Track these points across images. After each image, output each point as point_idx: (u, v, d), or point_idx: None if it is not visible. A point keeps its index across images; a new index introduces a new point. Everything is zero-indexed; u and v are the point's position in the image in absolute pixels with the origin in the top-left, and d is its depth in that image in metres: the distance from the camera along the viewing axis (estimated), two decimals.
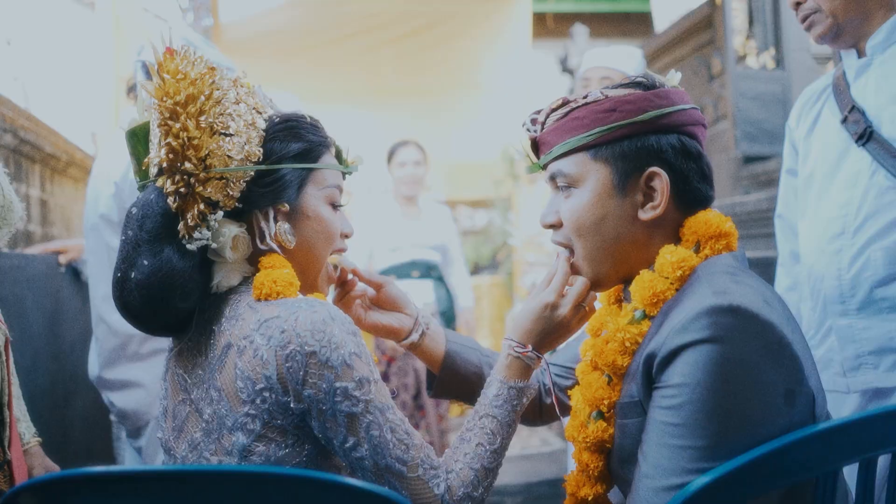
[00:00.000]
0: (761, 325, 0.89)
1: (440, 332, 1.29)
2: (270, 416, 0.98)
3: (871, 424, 0.86)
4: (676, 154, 1.04)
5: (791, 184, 1.76)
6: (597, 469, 1.08)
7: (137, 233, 1.01)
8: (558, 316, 1.11)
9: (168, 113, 0.97)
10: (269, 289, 1.03)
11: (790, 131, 1.75)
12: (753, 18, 3.85)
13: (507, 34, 5.50)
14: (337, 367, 0.96)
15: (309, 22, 5.11)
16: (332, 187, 1.14)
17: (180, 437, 1.07)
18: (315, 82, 5.60)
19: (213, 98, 1.00)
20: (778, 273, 1.85)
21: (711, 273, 0.99)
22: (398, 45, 5.37)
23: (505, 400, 1.09)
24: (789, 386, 0.90)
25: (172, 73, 0.98)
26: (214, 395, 1.01)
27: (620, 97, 1.05)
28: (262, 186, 1.07)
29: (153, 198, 1.02)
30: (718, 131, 3.92)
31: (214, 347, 1.04)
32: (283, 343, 0.97)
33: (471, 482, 1.02)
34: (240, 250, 1.07)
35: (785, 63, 3.74)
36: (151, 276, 1.00)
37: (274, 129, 1.10)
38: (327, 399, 0.96)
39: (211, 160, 0.99)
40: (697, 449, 0.87)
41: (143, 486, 0.77)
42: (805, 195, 1.64)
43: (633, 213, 1.05)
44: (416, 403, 3.57)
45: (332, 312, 1.00)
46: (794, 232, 1.76)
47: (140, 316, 1.04)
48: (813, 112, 1.66)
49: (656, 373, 0.94)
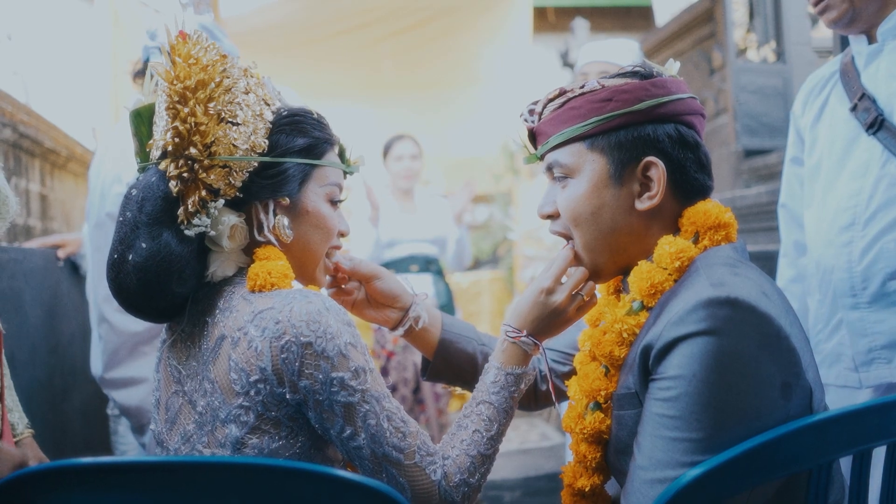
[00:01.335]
0: (759, 318, 0.89)
1: (437, 320, 1.29)
2: (265, 408, 0.97)
3: (865, 416, 0.85)
4: (673, 143, 1.04)
5: (796, 173, 1.73)
6: (594, 460, 1.08)
7: (137, 215, 1.00)
8: (553, 302, 1.10)
9: (177, 97, 0.96)
10: (264, 280, 1.02)
11: (795, 119, 1.71)
12: (754, 12, 3.84)
13: (508, 28, 5.48)
14: (333, 357, 0.96)
15: (308, 16, 5.10)
16: (333, 185, 1.14)
17: (173, 429, 1.06)
18: (315, 76, 5.59)
19: (223, 86, 0.99)
20: (781, 264, 1.81)
21: (710, 265, 0.98)
22: (398, 40, 5.35)
23: (502, 386, 1.09)
24: (786, 379, 0.89)
25: (184, 57, 0.97)
26: (208, 386, 1.01)
27: (617, 86, 1.05)
28: (264, 178, 1.06)
29: (154, 181, 1.01)
30: (719, 125, 3.91)
31: (208, 339, 1.03)
32: (278, 334, 0.96)
33: (467, 468, 1.02)
34: (237, 240, 1.06)
35: (786, 56, 3.73)
36: (149, 259, 0.99)
37: (281, 122, 1.09)
38: (324, 389, 0.96)
39: (216, 147, 0.99)
40: (692, 441, 0.87)
41: (134, 478, 0.77)
42: (812, 185, 1.61)
43: (629, 203, 1.05)
44: (415, 398, 3.57)
45: (326, 303, 0.99)
46: (797, 222, 1.73)
47: (135, 299, 1.03)
48: (819, 99, 1.62)
49: (653, 364, 0.94)
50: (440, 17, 5.27)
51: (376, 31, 5.26)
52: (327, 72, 5.60)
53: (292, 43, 5.23)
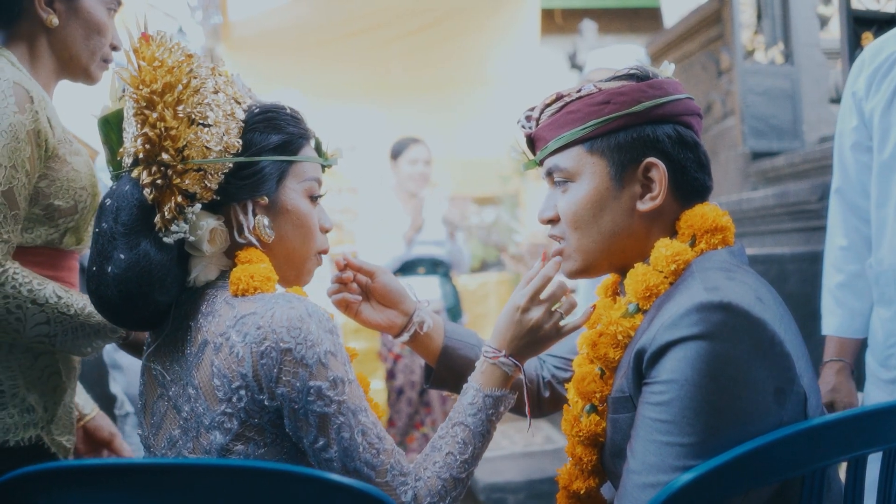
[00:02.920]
0: (752, 323, 0.88)
1: (439, 327, 1.28)
2: (248, 415, 0.96)
3: (860, 422, 0.84)
4: (673, 144, 1.03)
5: (858, 160, 1.56)
6: (590, 463, 1.08)
7: (113, 225, 0.98)
8: (529, 320, 1.08)
9: (145, 102, 0.94)
10: (247, 284, 1.00)
11: (858, 101, 1.56)
12: (762, 13, 3.82)
13: (516, 30, 5.49)
14: (311, 365, 0.94)
15: (317, 18, 5.12)
16: (312, 180, 1.11)
17: (159, 433, 1.05)
18: (324, 78, 5.61)
19: (191, 87, 0.97)
20: (839, 257, 1.64)
21: (705, 268, 0.98)
22: (406, 41, 5.37)
23: (479, 409, 1.06)
24: (779, 384, 0.88)
25: (149, 59, 0.94)
26: (192, 392, 0.99)
27: (614, 89, 1.05)
28: (240, 179, 1.03)
29: (128, 189, 0.99)
30: (726, 127, 3.89)
31: (191, 344, 1.01)
32: (259, 339, 0.94)
33: (438, 492, 0.99)
34: (217, 244, 1.04)
35: (794, 58, 3.71)
36: (129, 270, 0.97)
37: (253, 120, 1.06)
38: (300, 398, 0.94)
39: (189, 151, 0.96)
40: (685, 446, 0.87)
41: (127, 479, 0.77)
42: (884, 180, 1.47)
43: (631, 205, 1.04)
44: (421, 400, 3.57)
45: (309, 309, 0.97)
46: (858, 213, 1.59)
47: (117, 311, 1.01)
48: (890, 82, 1.48)
49: (646, 368, 0.93)
50: (448, 19, 5.28)
51: (385, 33, 5.28)
52: (336, 73, 5.63)
53: (301, 45, 5.25)
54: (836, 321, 1.65)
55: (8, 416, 1.22)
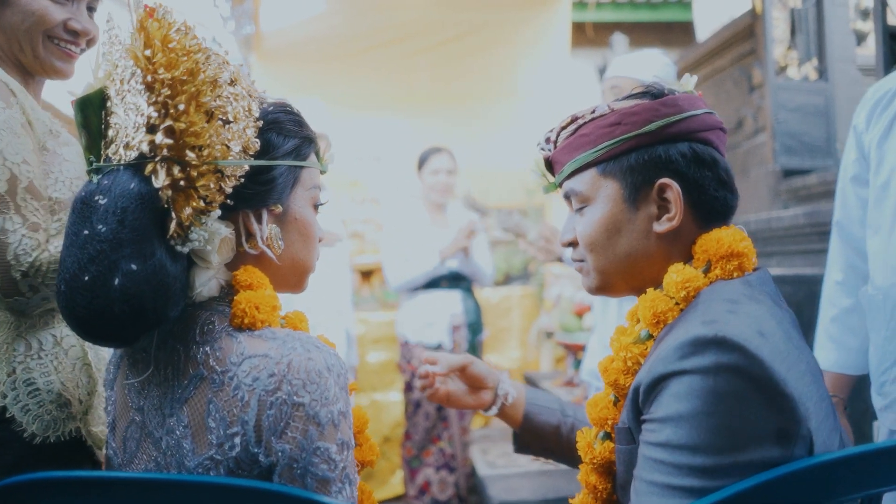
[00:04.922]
0: (748, 359, 0.83)
1: (521, 393, 1.33)
2: (237, 466, 0.86)
3: (873, 459, 0.80)
4: (688, 162, 1.00)
5: (856, 192, 1.59)
6: (605, 491, 1.06)
7: (117, 229, 0.83)
8: None
9: (168, 89, 0.81)
10: (252, 317, 0.91)
11: (858, 135, 1.59)
12: (796, 28, 3.74)
13: (546, 42, 5.47)
14: (324, 424, 0.85)
15: (347, 30, 5.16)
16: (316, 188, 1.04)
17: (132, 465, 0.96)
18: (352, 89, 5.65)
19: (209, 76, 0.85)
20: (833, 290, 1.66)
21: (710, 299, 0.94)
22: (434, 53, 5.38)
23: None
24: (782, 425, 0.84)
25: (162, 39, 0.82)
26: (179, 429, 0.90)
27: (626, 109, 1.03)
28: (258, 184, 0.94)
29: (133, 187, 0.84)
30: (757, 143, 3.82)
31: (179, 372, 0.91)
32: (271, 389, 0.85)
33: None
34: (223, 254, 0.93)
35: (828, 74, 3.62)
36: (144, 283, 0.83)
37: (268, 119, 0.97)
38: (303, 457, 0.85)
39: (209, 150, 0.85)
40: (685, 490, 0.83)
41: (115, 493, 0.76)
42: (879, 208, 1.48)
43: (647, 226, 1.02)
44: (439, 415, 3.55)
45: (328, 361, 0.88)
46: (854, 246, 1.61)
47: (111, 326, 0.85)
48: (888, 114, 1.50)
49: (642, 402, 0.91)
50: (477, 32, 5.28)
51: (413, 44, 5.30)
52: (364, 84, 5.66)
53: (330, 56, 5.30)
54: (829, 356, 1.65)
55: (46, 412, 1.22)
